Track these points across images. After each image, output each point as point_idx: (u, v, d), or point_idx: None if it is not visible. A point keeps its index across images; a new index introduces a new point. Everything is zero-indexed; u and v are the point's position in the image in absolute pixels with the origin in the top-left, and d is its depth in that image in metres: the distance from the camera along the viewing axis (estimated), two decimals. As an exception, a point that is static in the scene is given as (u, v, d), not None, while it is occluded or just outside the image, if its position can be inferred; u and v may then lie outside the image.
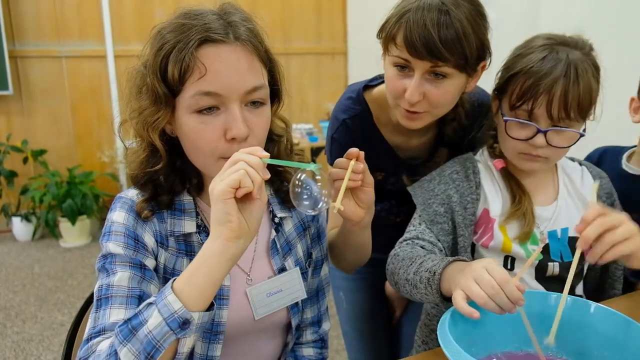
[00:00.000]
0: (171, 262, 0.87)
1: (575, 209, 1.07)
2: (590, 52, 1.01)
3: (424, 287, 0.91)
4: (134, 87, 0.84)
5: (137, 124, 0.84)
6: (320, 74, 4.42)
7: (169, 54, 0.78)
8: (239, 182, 0.68)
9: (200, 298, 0.71)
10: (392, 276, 1.04)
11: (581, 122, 0.99)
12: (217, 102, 0.79)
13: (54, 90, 3.83)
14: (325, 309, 1.07)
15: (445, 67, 0.98)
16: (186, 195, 0.90)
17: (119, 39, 3.77)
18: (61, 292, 2.90)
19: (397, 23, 1.00)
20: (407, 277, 0.97)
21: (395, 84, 1.04)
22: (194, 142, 0.81)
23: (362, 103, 1.21)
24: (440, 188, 1.10)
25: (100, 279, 0.81)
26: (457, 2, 0.97)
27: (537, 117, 0.97)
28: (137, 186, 0.88)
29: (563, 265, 1.04)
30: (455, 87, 1.03)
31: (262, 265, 0.94)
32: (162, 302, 0.69)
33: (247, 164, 0.70)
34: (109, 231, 0.84)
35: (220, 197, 0.69)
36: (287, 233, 0.98)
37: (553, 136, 0.98)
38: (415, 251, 1.03)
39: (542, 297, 0.82)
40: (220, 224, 0.70)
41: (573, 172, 1.11)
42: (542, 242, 1.04)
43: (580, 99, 0.95)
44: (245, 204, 0.72)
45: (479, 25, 1.00)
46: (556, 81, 0.95)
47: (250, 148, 0.73)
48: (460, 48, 0.96)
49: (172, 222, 0.88)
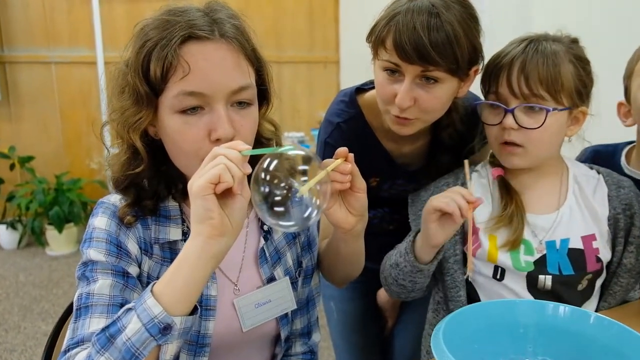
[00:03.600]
0: (155, 270, 0.84)
1: (581, 220, 1.03)
2: (571, 43, 1.00)
3: (403, 260, 1.00)
4: (116, 87, 0.82)
5: (118, 124, 0.81)
6: (313, 83, 4.40)
7: (152, 52, 0.75)
8: (219, 177, 0.65)
9: (182, 301, 0.67)
10: (382, 274, 1.09)
11: (555, 102, 0.96)
12: (202, 102, 0.76)
13: (43, 96, 3.78)
14: (315, 319, 1.04)
15: (436, 71, 0.95)
16: (171, 201, 0.87)
17: (110, 45, 3.73)
18: (46, 301, 2.84)
19: (387, 26, 0.97)
20: (391, 261, 1.05)
21: (385, 89, 1.02)
22: (177, 143, 0.78)
23: (355, 106, 1.19)
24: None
25: (80, 287, 0.77)
26: (448, 5, 0.95)
27: (505, 98, 0.98)
28: (119, 190, 0.85)
29: (558, 279, 1.00)
30: (447, 92, 1.01)
31: (250, 275, 0.91)
32: (141, 307, 0.66)
33: (227, 158, 0.66)
34: (90, 237, 0.81)
35: (199, 193, 0.65)
36: (277, 241, 0.95)
37: (522, 117, 0.97)
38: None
39: (539, 306, 0.79)
40: (200, 221, 0.67)
41: (586, 181, 1.07)
42: (539, 252, 1.00)
43: (542, 73, 0.94)
44: (227, 200, 0.68)
45: (471, 28, 0.97)
46: (514, 57, 0.97)
47: (230, 142, 0.70)
48: (452, 51, 0.94)
49: (156, 229, 0.85)
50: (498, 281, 1.03)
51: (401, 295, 1.08)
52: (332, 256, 1.01)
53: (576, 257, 1.00)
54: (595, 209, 1.03)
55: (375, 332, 1.50)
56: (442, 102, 1.02)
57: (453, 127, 1.16)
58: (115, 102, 0.82)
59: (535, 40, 0.99)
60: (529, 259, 1.01)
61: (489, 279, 1.03)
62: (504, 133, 0.99)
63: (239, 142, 0.70)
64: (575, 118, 1.01)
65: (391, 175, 1.23)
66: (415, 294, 1.08)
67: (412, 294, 1.07)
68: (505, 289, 1.02)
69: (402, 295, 1.08)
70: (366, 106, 1.18)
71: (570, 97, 0.97)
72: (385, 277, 1.08)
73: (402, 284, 1.04)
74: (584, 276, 1.01)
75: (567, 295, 1.01)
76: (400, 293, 1.07)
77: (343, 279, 1.07)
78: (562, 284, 1.00)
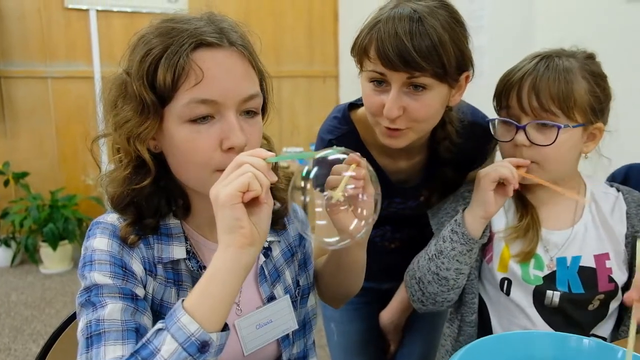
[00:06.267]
0: (159, 292, 0.79)
1: (596, 239, 1.00)
2: (585, 59, 0.97)
3: (449, 242, 0.97)
4: (113, 98, 0.78)
5: (119, 136, 0.77)
6: (312, 97, 4.38)
7: (159, 59, 0.72)
8: (247, 185, 0.63)
9: (216, 316, 0.64)
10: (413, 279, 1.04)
11: (567, 119, 0.93)
12: (213, 110, 0.73)
13: (39, 111, 3.73)
14: (312, 343, 0.99)
15: (423, 77, 0.92)
16: (172, 218, 0.83)
17: (107, 60, 3.70)
18: (38, 321, 2.77)
19: (368, 35, 0.95)
20: (429, 254, 1.00)
21: (373, 101, 0.98)
22: (187, 154, 0.75)
23: (349, 122, 1.15)
24: (451, 206, 1.07)
25: (85, 315, 0.71)
26: (431, 10, 0.92)
27: (517, 115, 0.96)
28: (117, 209, 0.80)
29: (566, 296, 0.97)
30: (437, 100, 0.97)
31: (250, 294, 0.87)
32: (175, 326, 0.62)
33: (252, 166, 0.65)
34: (90, 260, 0.75)
35: (228, 202, 0.63)
36: (275, 259, 0.91)
37: (534, 134, 0.94)
38: None
39: (560, 339, 0.73)
40: (230, 232, 0.64)
41: (604, 198, 1.04)
42: (550, 268, 0.97)
43: (553, 90, 0.91)
44: (253, 209, 0.66)
45: (456, 32, 0.94)
46: (526, 73, 0.95)
47: (253, 150, 0.68)
48: (437, 56, 0.91)
49: (159, 248, 0.80)
50: (505, 295, 1.00)
51: (437, 299, 1.02)
52: (332, 269, 0.96)
53: (587, 275, 0.97)
54: (612, 227, 1.00)
55: (377, 356, 1.44)
56: (432, 110, 0.98)
57: (450, 140, 1.11)
58: (113, 114, 0.78)
59: (547, 57, 0.97)
60: (538, 273, 0.98)
61: (497, 290, 1.02)
62: (516, 150, 0.97)
63: (262, 149, 0.69)
64: (592, 134, 0.98)
65: (387, 193, 1.18)
66: (452, 296, 1.03)
67: (450, 295, 1.02)
68: (511, 304, 1.00)
69: (437, 298, 1.02)
70: (359, 122, 1.14)
71: (584, 114, 0.94)
72: (420, 279, 1.03)
73: (444, 277, 0.99)
74: (595, 296, 0.97)
75: (577, 315, 0.98)
76: (437, 295, 1.01)
77: (342, 295, 1.02)
78: (572, 302, 0.97)
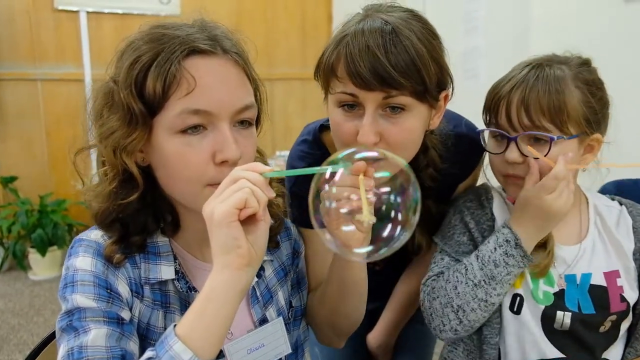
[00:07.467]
0: (146, 315, 0.74)
1: (604, 254, 0.94)
2: (579, 66, 0.91)
3: (504, 266, 0.88)
4: (99, 107, 0.74)
5: (105, 148, 0.73)
6: (306, 100, 4.33)
7: (149, 66, 0.68)
8: (244, 202, 0.59)
9: (211, 343, 0.60)
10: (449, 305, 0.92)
11: (560, 133, 0.88)
12: (205, 121, 0.69)
13: (28, 114, 3.66)
14: None
15: (401, 96, 0.81)
16: (160, 236, 0.78)
17: (98, 62, 3.64)
18: (25, 330, 2.70)
19: (335, 51, 0.83)
20: (475, 280, 0.90)
21: (344, 128, 0.85)
22: (177, 167, 0.70)
23: (320, 147, 1.03)
24: (456, 218, 1.00)
25: (66, 341, 0.66)
26: (404, 21, 0.82)
27: (506, 130, 0.91)
28: (102, 225, 0.75)
29: (577, 317, 0.90)
30: (417, 122, 0.85)
31: (241, 316, 0.82)
32: (167, 355, 0.58)
33: (249, 181, 0.61)
34: (72, 281, 0.71)
35: (224, 220, 0.59)
36: (268, 279, 0.87)
37: (526, 147, 0.89)
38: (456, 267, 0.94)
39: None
40: (226, 252, 0.60)
41: (608, 212, 0.99)
42: (559, 286, 0.92)
43: (543, 103, 0.86)
44: (250, 227, 0.62)
45: (433, 45, 0.84)
46: (514, 85, 0.89)
47: (248, 164, 0.64)
48: (416, 70, 0.80)
49: (146, 268, 0.75)
50: (514, 314, 0.94)
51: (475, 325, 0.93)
52: (336, 290, 0.89)
53: (599, 295, 0.91)
54: (619, 242, 0.95)
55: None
56: (413, 135, 0.87)
57: (433, 166, 1.01)
58: (99, 124, 0.74)
59: (537, 66, 0.90)
60: (548, 289, 0.92)
61: (506, 309, 0.95)
62: (508, 166, 0.92)
63: (258, 163, 0.64)
64: (589, 146, 0.93)
65: None
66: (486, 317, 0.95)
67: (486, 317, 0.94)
68: (521, 325, 0.94)
69: (476, 324, 0.93)
70: (333, 146, 0.99)
71: (579, 126, 0.89)
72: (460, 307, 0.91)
73: (492, 303, 0.90)
74: (607, 317, 0.91)
75: (589, 338, 0.92)
76: (477, 321, 0.92)
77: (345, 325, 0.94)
78: (583, 323, 0.91)
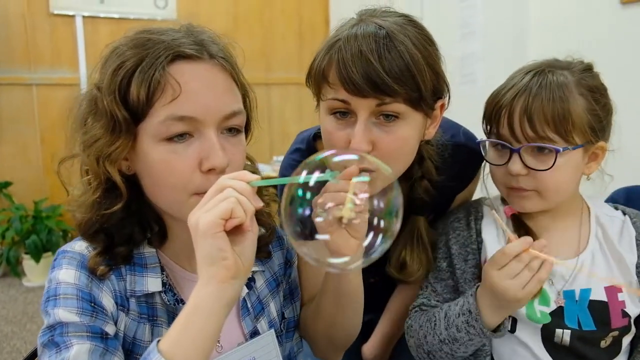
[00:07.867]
0: (132, 329, 0.72)
1: (605, 267, 0.92)
2: (582, 72, 0.89)
3: (465, 333, 0.87)
4: (82, 115, 0.73)
5: (88, 156, 0.71)
6: (302, 105, 4.30)
7: (132, 72, 0.67)
8: (230, 212, 0.57)
9: (196, 359, 0.58)
10: (421, 348, 0.94)
11: (565, 143, 0.85)
12: (191, 127, 0.67)
13: (23, 119, 3.63)
14: None
15: (395, 103, 0.79)
16: (147, 246, 0.76)
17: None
18: (18, 338, 2.66)
19: (327, 56, 0.82)
20: (440, 337, 0.90)
21: (336, 137, 0.83)
22: (162, 176, 0.68)
23: None
24: (442, 240, 0.99)
25: (47, 357, 0.65)
26: (399, 26, 0.80)
27: (509, 141, 0.89)
28: (86, 236, 0.74)
29: (577, 334, 0.89)
30: (412, 131, 0.83)
31: (231, 329, 0.80)
32: None
33: (235, 190, 0.58)
34: (55, 294, 0.69)
35: (209, 231, 0.57)
36: (259, 290, 0.85)
37: (529, 158, 0.86)
38: (430, 313, 0.94)
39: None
40: (212, 264, 0.58)
41: (610, 222, 0.96)
42: (557, 303, 0.89)
43: (548, 113, 0.83)
44: (237, 238, 0.60)
45: (429, 51, 0.82)
46: (516, 94, 0.86)
47: (235, 173, 0.62)
48: (411, 77, 0.78)
49: (132, 280, 0.73)
50: (509, 333, 0.92)
51: None
52: (331, 302, 0.87)
53: (599, 310, 0.89)
54: (621, 255, 0.92)
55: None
56: (407, 144, 0.84)
57: (429, 178, 0.98)
58: (82, 132, 0.73)
59: (540, 72, 0.88)
60: (544, 309, 0.90)
61: None
62: (511, 178, 0.89)
63: (246, 172, 0.62)
64: (594, 154, 0.91)
65: None
66: None
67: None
68: (518, 342, 0.92)
69: None
70: None
71: (584, 135, 0.86)
72: (430, 353, 0.94)
73: (460, 356, 0.91)
74: (609, 333, 0.89)
75: (590, 353, 0.90)
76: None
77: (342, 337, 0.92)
78: (582, 340, 0.89)
